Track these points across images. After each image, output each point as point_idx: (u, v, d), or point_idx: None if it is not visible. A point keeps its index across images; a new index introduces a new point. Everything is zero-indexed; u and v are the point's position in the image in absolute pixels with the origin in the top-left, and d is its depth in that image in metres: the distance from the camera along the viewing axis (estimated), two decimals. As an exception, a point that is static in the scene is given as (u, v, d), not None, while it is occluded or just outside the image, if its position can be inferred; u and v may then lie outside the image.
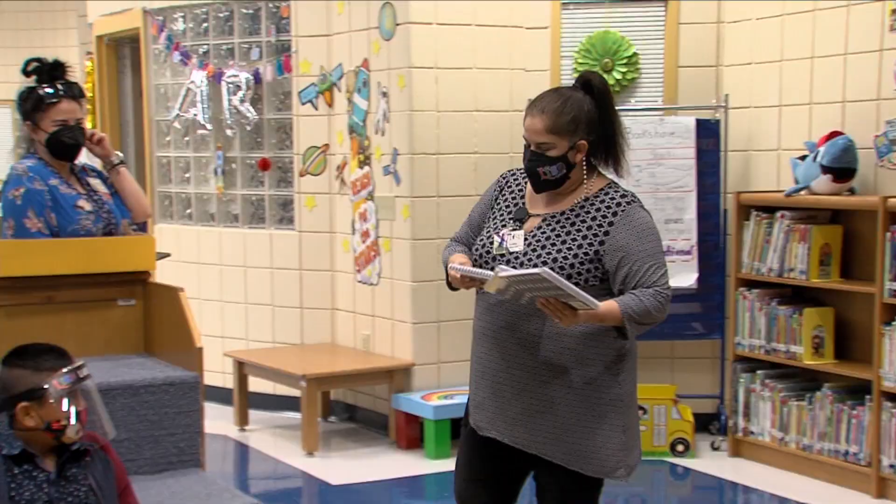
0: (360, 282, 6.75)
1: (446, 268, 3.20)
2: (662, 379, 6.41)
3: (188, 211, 7.72)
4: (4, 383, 2.99)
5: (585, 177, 3.21)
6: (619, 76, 6.38)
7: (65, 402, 2.94)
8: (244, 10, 7.26)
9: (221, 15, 7.37)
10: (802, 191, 5.70)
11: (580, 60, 6.40)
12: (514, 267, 3.09)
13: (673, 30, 6.40)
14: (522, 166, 3.33)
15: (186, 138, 7.67)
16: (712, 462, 6.05)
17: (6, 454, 2.93)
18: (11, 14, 13.54)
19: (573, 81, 3.32)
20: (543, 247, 3.14)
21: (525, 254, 3.14)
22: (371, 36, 6.56)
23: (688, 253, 6.19)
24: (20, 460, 2.94)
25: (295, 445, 6.30)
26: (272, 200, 7.27)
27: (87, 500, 2.98)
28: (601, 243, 3.12)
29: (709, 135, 6.24)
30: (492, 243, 3.21)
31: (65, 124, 4.04)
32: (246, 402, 6.77)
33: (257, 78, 7.16)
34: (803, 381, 5.86)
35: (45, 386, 2.93)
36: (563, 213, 3.19)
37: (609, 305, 3.00)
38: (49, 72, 4.07)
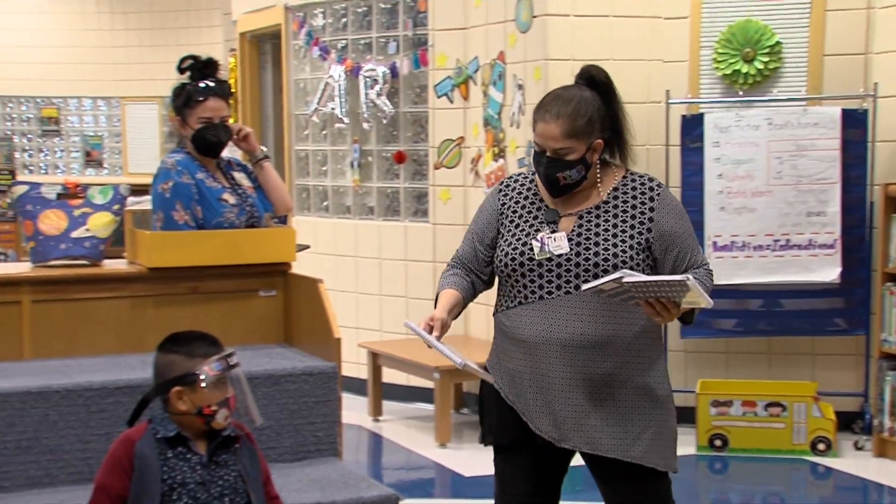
0: (493, 274, 6.74)
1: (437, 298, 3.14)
2: (802, 376, 6.28)
3: (325, 203, 7.83)
4: (159, 368, 3.08)
5: (599, 171, 3.15)
6: (760, 66, 6.23)
7: (215, 388, 3.04)
8: (382, 5, 7.33)
9: (360, 10, 7.45)
10: (954, 183, 5.52)
11: (720, 51, 6.28)
12: (566, 268, 3.04)
13: (819, 17, 6.22)
14: (522, 170, 3.30)
15: (324, 132, 7.79)
16: (855, 462, 5.90)
17: (162, 437, 3.03)
18: (159, 13, 13.88)
19: (576, 78, 3.23)
20: (595, 242, 3.07)
21: (578, 253, 3.06)
22: (507, 28, 6.56)
23: (830, 247, 6.04)
24: (174, 443, 3.03)
25: (428, 436, 6.34)
26: (407, 193, 7.33)
27: (236, 486, 3.05)
28: (649, 230, 3.09)
29: (855, 125, 6.05)
30: (531, 249, 3.08)
31: (210, 122, 4.12)
32: (380, 392, 6.84)
33: (394, 72, 7.23)
34: (953, 380, 5.67)
35: (198, 372, 3.01)
36: (598, 207, 3.12)
37: None
38: (201, 69, 4.16)
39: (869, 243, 6.13)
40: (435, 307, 3.13)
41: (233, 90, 4.76)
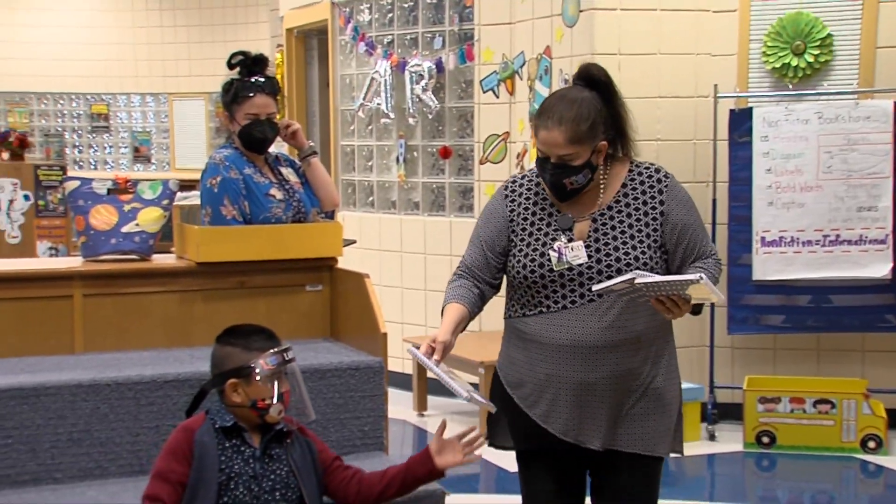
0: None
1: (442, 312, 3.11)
2: (852, 373, 6.23)
3: (370, 199, 7.85)
4: (216, 359, 3.11)
5: (602, 171, 3.09)
6: (810, 59, 6.17)
7: (270, 382, 3.05)
8: (428, 0, 7.33)
9: (406, 5, 7.46)
10: None
11: (769, 44, 6.23)
12: (588, 276, 2.99)
13: (872, 9, 6.15)
14: (523, 173, 3.23)
15: (370, 127, 7.81)
16: (907, 460, 5.85)
17: (219, 426, 3.05)
18: (207, 10, 13.97)
19: (574, 79, 3.13)
20: (613, 247, 3.03)
21: (598, 260, 3.01)
22: (554, 23, 6.54)
23: (882, 242, 5.98)
24: (230, 434, 3.06)
25: (473, 431, 6.34)
26: (452, 188, 7.33)
27: (288, 480, 3.07)
28: (661, 224, 3.05)
29: (908, 118, 5.99)
30: (549, 261, 3.02)
31: (256, 118, 4.14)
32: (425, 387, 6.85)
33: (440, 67, 7.23)
34: None
35: (253, 365, 3.03)
36: (610, 208, 3.07)
37: None
38: (250, 65, 4.18)
39: (922, 239, 6.05)
40: (441, 318, 3.11)
41: (280, 87, 4.76)
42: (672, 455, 3.19)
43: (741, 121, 6.11)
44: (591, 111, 2.99)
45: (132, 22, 14.25)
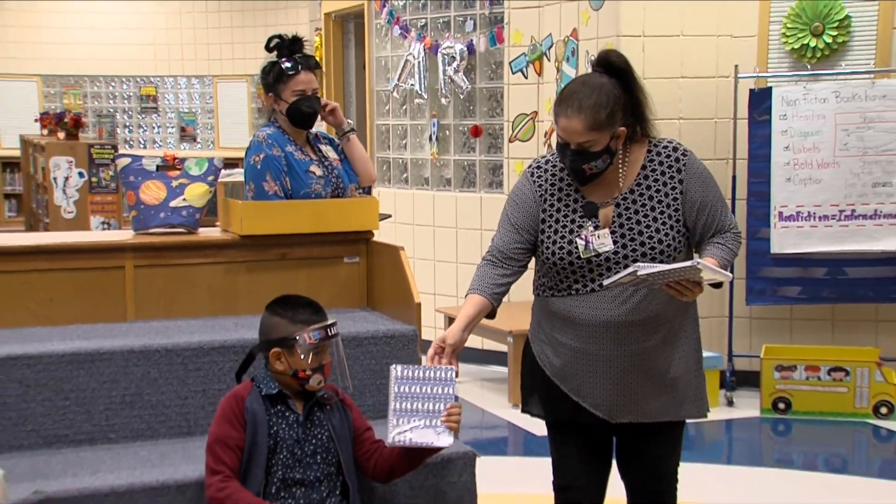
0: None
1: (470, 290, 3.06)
2: (866, 342, 6.20)
3: (404, 175, 7.85)
4: (264, 327, 3.12)
5: (621, 155, 3.03)
6: (829, 40, 6.11)
7: (311, 354, 3.05)
8: (460, -15, 7.31)
9: (438, -10, 7.44)
10: None
11: (789, 25, 6.17)
12: (615, 262, 2.96)
13: (888, -9, 6.09)
14: (546, 156, 3.17)
15: (404, 107, 7.80)
16: (917, 425, 5.82)
17: (265, 394, 3.07)
18: (250, -4, 13.97)
19: (594, 65, 3.09)
20: (636, 233, 2.99)
21: (622, 245, 2.98)
22: (581, 6, 6.50)
23: (895, 217, 5.93)
24: (275, 401, 3.08)
25: (501, 397, 6.36)
26: (483, 165, 7.32)
27: (328, 445, 3.08)
28: (682, 203, 3.01)
29: (922, 97, 5.92)
30: (576, 248, 2.99)
31: (303, 94, 4.13)
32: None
33: (471, 49, 7.20)
34: None
35: (297, 337, 3.04)
36: (632, 192, 3.03)
37: (710, 262, 2.90)
38: (289, 46, 4.18)
39: (935, 213, 6.00)
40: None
41: (320, 66, 4.76)
42: (697, 419, 3.19)
43: (761, 100, 6.07)
44: (610, 98, 2.94)
45: (178, 8, 14.28)
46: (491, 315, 3.13)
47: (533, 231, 3.10)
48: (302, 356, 3.03)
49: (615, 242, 2.98)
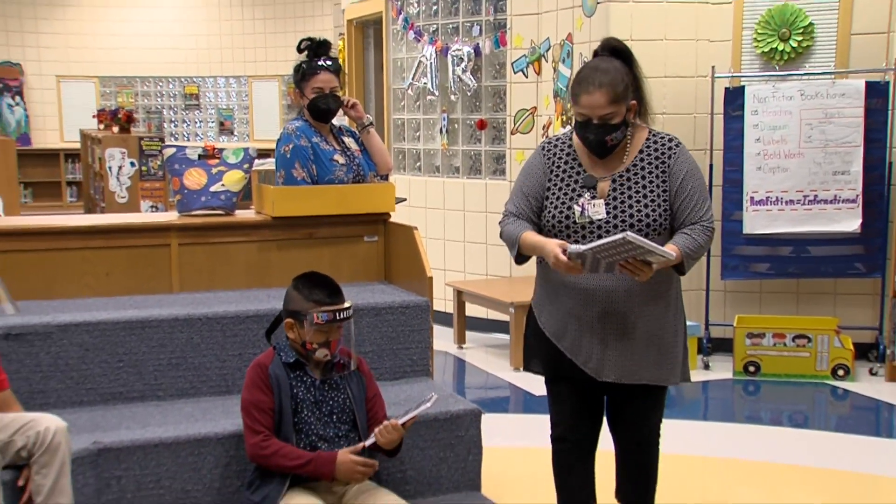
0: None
1: (512, 242, 3.04)
2: (825, 312, 6.18)
3: (418, 164, 7.83)
4: (286, 297, 3.12)
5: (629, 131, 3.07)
6: (794, 44, 6.06)
7: (319, 331, 3.01)
8: (467, -5, 7.27)
9: (448, -1, 7.40)
10: (965, 146, 5.34)
11: (760, 31, 6.11)
12: (605, 230, 2.95)
13: (847, 1, 6.01)
14: (557, 135, 3.18)
15: (417, 103, 7.77)
16: (870, 386, 5.80)
17: (284, 361, 3.06)
18: (281, 5, 13.98)
19: (599, 51, 3.13)
20: (628, 205, 2.99)
21: (615, 216, 2.98)
22: (575, 13, 6.45)
23: (853, 201, 5.90)
24: (294, 367, 3.07)
25: (504, 361, 6.35)
26: (487, 155, 7.29)
27: (344, 406, 3.07)
28: (665, 184, 3.01)
29: (877, 95, 5.87)
30: (573, 213, 3.00)
31: (321, 92, 4.12)
32: (464, 324, 6.84)
33: (477, 51, 7.16)
34: (959, 318, 5.53)
35: (307, 315, 3.02)
36: (628, 171, 3.03)
37: (673, 250, 2.89)
38: (316, 48, 4.16)
39: (887, 198, 5.97)
40: (515, 252, 3.06)
41: (342, 66, 4.73)
42: (677, 384, 3.20)
43: (735, 97, 6.03)
44: (623, 75, 2.98)
45: (218, 16, 14.27)
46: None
47: (540, 198, 3.10)
48: (311, 331, 3.01)
49: (608, 213, 2.98)
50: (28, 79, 13.94)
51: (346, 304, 3.05)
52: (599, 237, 2.95)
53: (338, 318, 3.02)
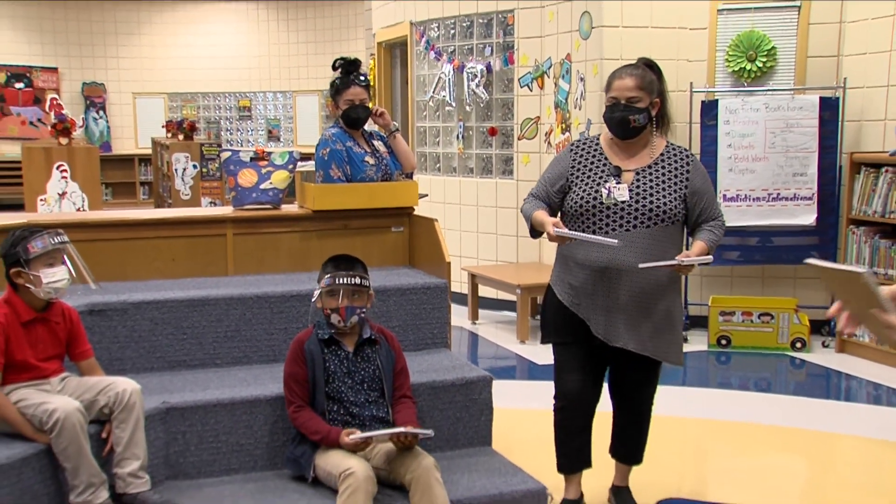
0: (559, 217, 6.67)
1: (528, 218, 3.08)
2: (786, 294, 6.13)
3: (437, 165, 7.79)
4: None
5: (649, 133, 3.09)
6: (760, 65, 6.00)
7: (330, 297, 3.01)
8: (480, 20, 7.20)
9: (465, 24, 7.34)
10: (907, 151, 5.30)
11: (731, 53, 6.05)
12: (627, 212, 2.99)
13: (804, 28, 5.97)
14: (587, 137, 3.21)
15: (437, 113, 7.73)
16: (823, 356, 5.78)
17: (320, 338, 3.05)
18: (321, 30, 13.98)
19: (638, 61, 3.18)
20: (650, 193, 3.00)
21: (637, 200, 2.99)
22: (573, 36, 6.40)
23: (809, 199, 5.85)
24: (328, 343, 3.05)
25: (511, 335, 6.33)
26: (498, 157, 7.25)
27: (374, 376, 3.05)
28: (686, 187, 3.03)
29: (829, 109, 5.83)
30: (600, 195, 3.01)
31: (353, 104, 4.09)
32: (477, 303, 6.82)
33: (489, 69, 7.12)
34: (901, 299, 5.47)
35: (321, 282, 3.03)
36: (650, 167, 3.04)
37: (700, 246, 3.00)
38: (348, 67, 4.13)
39: (838, 197, 5.93)
40: (531, 225, 3.09)
41: (371, 82, 4.70)
42: (672, 364, 3.19)
43: (710, 109, 5.97)
44: (650, 74, 3.05)
45: (267, 40, 14.27)
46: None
47: (560, 188, 3.10)
48: (326, 297, 3.02)
49: (631, 198, 2.99)
50: (109, 96, 14.02)
51: (352, 273, 3.00)
52: (622, 217, 2.98)
53: (337, 282, 2.99)
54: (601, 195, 3.01)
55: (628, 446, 3.29)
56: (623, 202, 2.99)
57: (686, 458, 4.14)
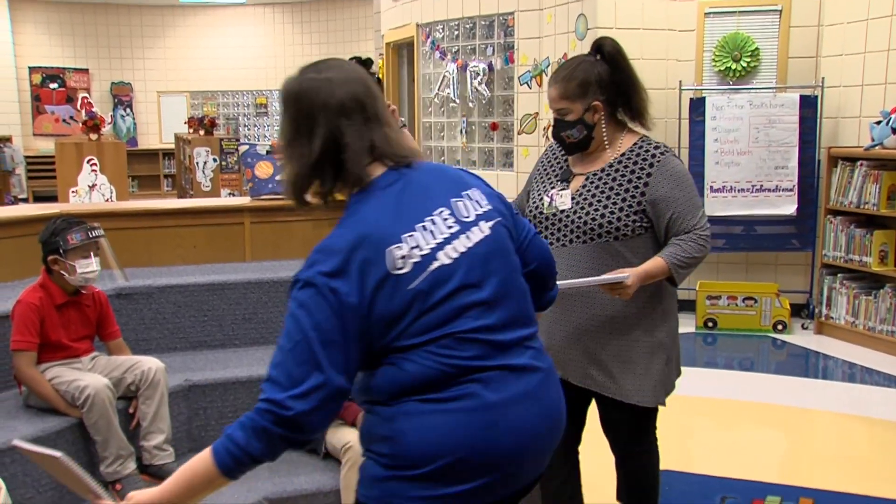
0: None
1: None
2: (769, 279, 6.12)
3: (442, 158, 7.79)
4: None
5: (606, 135, 2.37)
6: (744, 64, 5.98)
7: None
8: (483, 22, 7.18)
9: (468, 25, 7.32)
10: (877, 146, 5.33)
11: (717, 53, 6.03)
12: (564, 224, 2.36)
13: (785, 31, 5.94)
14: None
15: (442, 109, 7.72)
16: (802, 338, 5.76)
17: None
18: (333, 32, 13.93)
19: (590, 49, 2.47)
20: (590, 203, 2.33)
21: (574, 211, 2.34)
22: (569, 37, 6.37)
23: (790, 190, 5.83)
24: None
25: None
26: (499, 151, 7.24)
27: None
28: (642, 194, 2.29)
29: (809, 106, 5.80)
30: (542, 203, 2.41)
31: None
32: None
33: (491, 67, 7.10)
34: (871, 283, 5.54)
35: None
36: (602, 171, 2.35)
37: (654, 262, 2.28)
38: (361, 65, 4.09)
39: (816, 188, 5.91)
40: None
41: (381, 80, 4.68)
42: (642, 405, 2.39)
43: (698, 106, 5.95)
44: (584, 72, 2.33)
45: (283, 40, 14.23)
46: None
47: (529, 196, 2.58)
48: None
49: (571, 207, 2.36)
50: (136, 94, 14.04)
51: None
52: (559, 230, 2.38)
53: None
54: (543, 203, 2.42)
55: (633, 491, 2.61)
56: (562, 212, 2.36)
57: (672, 432, 4.15)
